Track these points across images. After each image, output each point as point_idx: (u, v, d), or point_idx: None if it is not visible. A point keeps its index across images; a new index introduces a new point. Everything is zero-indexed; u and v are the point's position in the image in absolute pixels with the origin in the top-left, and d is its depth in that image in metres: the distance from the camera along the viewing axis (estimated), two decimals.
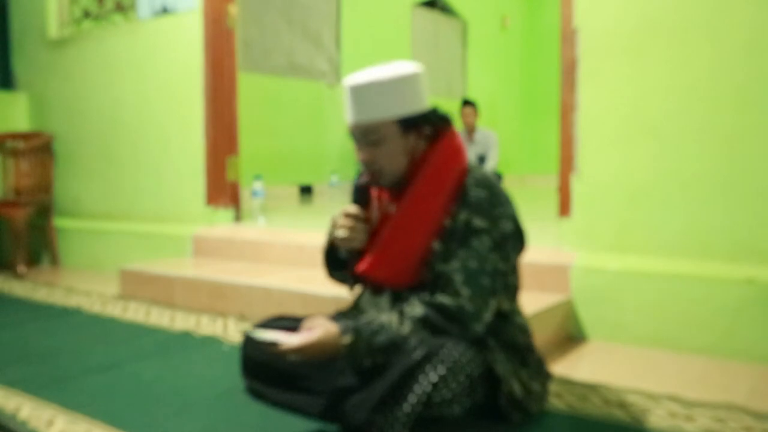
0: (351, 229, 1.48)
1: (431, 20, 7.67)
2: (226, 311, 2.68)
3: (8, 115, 4.34)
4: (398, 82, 1.42)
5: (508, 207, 1.47)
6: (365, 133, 1.44)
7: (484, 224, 1.41)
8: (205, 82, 3.47)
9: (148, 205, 3.79)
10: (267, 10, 5.75)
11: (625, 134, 2.27)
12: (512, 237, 1.46)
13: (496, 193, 1.45)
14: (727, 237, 2.11)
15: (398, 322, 1.38)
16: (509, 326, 1.53)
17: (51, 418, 1.60)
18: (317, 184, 6.09)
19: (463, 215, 1.42)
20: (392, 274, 1.49)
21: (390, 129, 1.43)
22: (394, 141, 1.44)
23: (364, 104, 1.42)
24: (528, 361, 1.55)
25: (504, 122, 8.11)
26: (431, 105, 1.50)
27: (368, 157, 1.46)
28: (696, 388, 1.78)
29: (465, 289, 1.38)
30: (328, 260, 1.65)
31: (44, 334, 2.46)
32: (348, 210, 1.50)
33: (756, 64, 2.05)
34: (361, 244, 1.50)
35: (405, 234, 1.46)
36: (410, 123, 1.44)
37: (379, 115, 1.42)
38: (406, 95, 1.43)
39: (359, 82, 1.42)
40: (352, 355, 1.36)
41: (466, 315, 1.37)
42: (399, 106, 1.42)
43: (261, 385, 1.64)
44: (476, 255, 1.40)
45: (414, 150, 1.47)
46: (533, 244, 2.55)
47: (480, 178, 1.46)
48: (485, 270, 1.40)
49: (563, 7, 2.40)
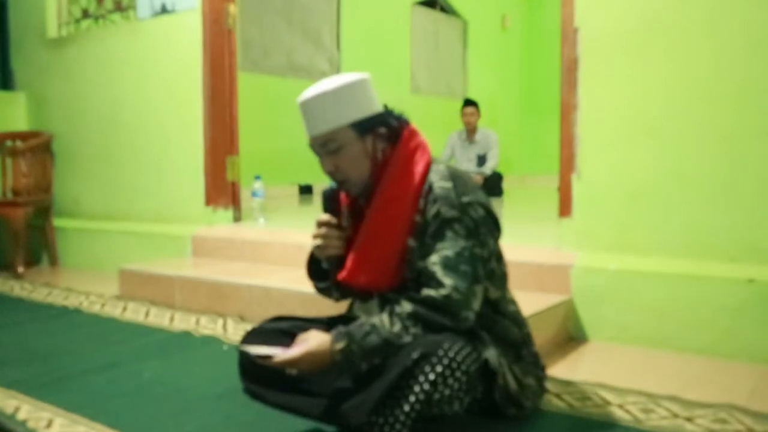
0: (324, 237, 1.53)
1: (431, 20, 7.67)
2: (226, 311, 2.67)
3: (7, 114, 4.33)
4: (345, 89, 1.47)
5: (475, 194, 1.48)
6: (323, 144, 1.49)
7: (455, 213, 1.43)
8: (204, 82, 3.46)
9: (147, 205, 3.79)
10: (267, 9, 5.75)
11: (626, 134, 2.26)
12: (485, 222, 1.48)
13: (461, 183, 1.47)
14: (728, 237, 2.10)
15: (389, 322, 1.38)
16: (502, 319, 1.53)
17: (50, 419, 1.59)
18: (317, 184, 6.09)
19: (432, 209, 1.44)
20: (372, 278, 1.51)
21: (345, 135, 1.48)
22: (352, 146, 1.48)
23: (317, 116, 1.48)
24: (522, 355, 1.56)
25: (504, 122, 8.10)
26: (383, 107, 1.54)
27: (332, 166, 1.50)
28: (696, 389, 1.78)
29: (447, 279, 1.39)
30: (312, 273, 1.68)
31: (43, 335, 2.45)
32: (320, 218, 1.54)
33: (756, 64, 2.04)
34: (338, 250, 1.54)
35: (379, 237, 1.49)
36: (364, 126, 1.48)
37: (332, 123, 1.47)
38: (355, 101, 1.48)
39: (308, 96, 1.49)
40: (347, 359, 1.36)
41: (453, 304, 1.38)
42: (350, 112, 1.47)
43: (260, 387, 1.64)
44: (452, 245, 1.41)
45: (374, 152, 1.51)
46: (534, 245, 2.56)
47: (443, 170, 1.49)
48: (463, 257, 1.41)
49: (563, 6, 2.39)
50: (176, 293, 2.87)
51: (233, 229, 3.38)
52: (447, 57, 7.92)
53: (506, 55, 8.73)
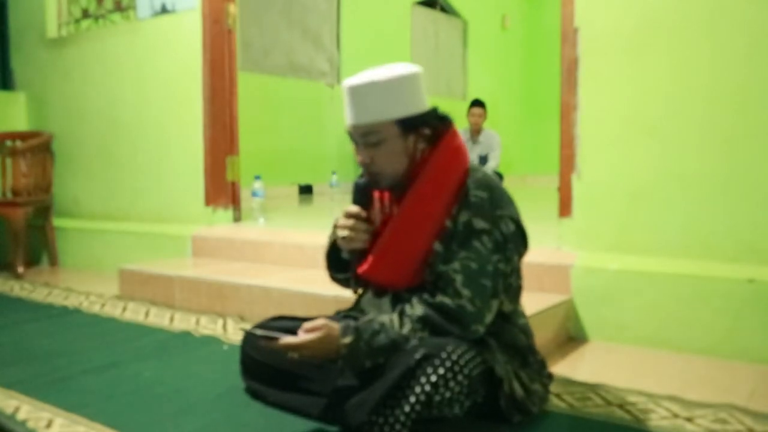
0: (352, 229, 1.47)
1: (431, 20, 7.67)
2: (226, 311, 2.67)
3: (7, 114, 4.33)
4: (397, 83, 1.42)
5: (509, 208, 1.46)
6: (364, 135, 1.44)
7: (485, 225, 1.41)
8: (204, 82, 3.46)
9: (147, 205, 3.78)
10: (267, 9, 5.75)
11: (626, 134, 2.26)
12: (513, 238, 1.46)
13: (497, 195, 1.45)
14: (728, 237, 2.10)
15: (399, 323, 1.37)
16: (511, 327, 1.52)
17: (50, 419, 1.59)
18: (317, 184, 6.09)
19: (464, 216, 1.42)
20: (393, 276, 1.48)
21: (389, 130, 1.43)
22: (393, 142, 1.44)
23: (363, 105, 1.42)
24: (529, 361, 1.55)
25: (504, 122, 8.10)
26: (431, 106, 1.50)
27: (368, 158, 1.46)
28: (697, 389, 1.77)
29: (465, 290, 1.37)
30: (331, 262, 1.65)
31: (43, 335, 2.45)
32: (349, 210, 1.49)
33: (756, 64, 2.04)
34: (363, 244, 1.49)
35: (406, 236, 1.46)
36: (409, 124, 1.44)
37: (378, 116, 1.42)
38: (405, 96, 1.43)
39: (358, 82, 1.42)
40: (352, 354, 1.35)
41: (466, 316, 1.37)
42: (398, 107, 1.42)
43: (261, 385, 1.64)
44: (477, 256, 1.40)
45: (414, 151, 1.47)
46: (534, 245, 2.55)
47: (481, 179, 1.45)
48: (486, 271, 1.39)
49: (564, 6, 2.39)
50: (176, 293, 2.87)
51: (233, 229, 3.38)
52: (447, 57, 7.92)
53: (506, 55, 8.73)
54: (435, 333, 1.37)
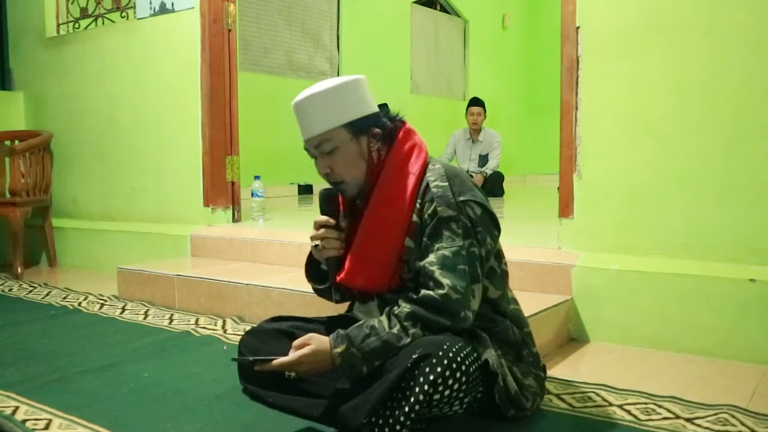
0: (323, 238, 1.52)
1: (431, 19, 7.66)
2: (225, 311, 2.66)
3: (5, 114, 4.32)
4: (338, 90, 1.46)
5: (472, 192, 1.48)
6: (317, 146, 1.48)
7: (451, 213, 1.42)
8: (204, 82, 3.45)
9: (146, 205, 3.78)
10: (266, 9, 5.74)
11: (627, 134, 2.26)
12: (482, 221, 1.47)
13: (458, 181, 1.47)
14: (729, 237, 2.10)
15: (388, 323, 1.38)
16: (502, 320, 1.52)
17: (48, 420, 1.58)
18: (317, 184, 6.08)
19: (429, 209, 1.44)
20: (371, 279, 1.51)
21: (339, 136, 1.47)
22: (346, 147, 1.47)
23: (310, 118, 1.47)
24: (523, 355, 1.55)
25: (505, 122, 8.09)
26: (379, 107, 1.53)
27: (327, 168, 1.50)
28: (697, 390, 1.77)
29: (445, 279, 1.38)
30: (311, 274, 1.69)
31: (42, 335, 2.44)
32: (318, 220, 1.54)
33: (757, 64, 2.04)
34: (337, 252, 1.53)
35: (376, 237, 1.48)
36: (358, 126, 1.48)
37: (326, 124, 1.46)
38: (348, 101, 1.47)
39: (301, 98, 1.48)
40: (346, 362, 1.36)
41: (452, 303, 1.37)
42: (343, 113, 1.46)
43: (259, 388, 1.63)
44: (449, 244, 1.41)
45: (369, 153, 1.50)
46: (534, 245, 2.55)
47: (439, 169, 1.48)
48: (461, 256, 1.40)
49: (564, 5, 2.38)
50: (175, 293, 2.86)
51: (232, 229, 3.37)
52: (447, 57, 7.91)
53: (507, 55, 8.72)
54: (426, 327, 1.37)
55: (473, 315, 1.41)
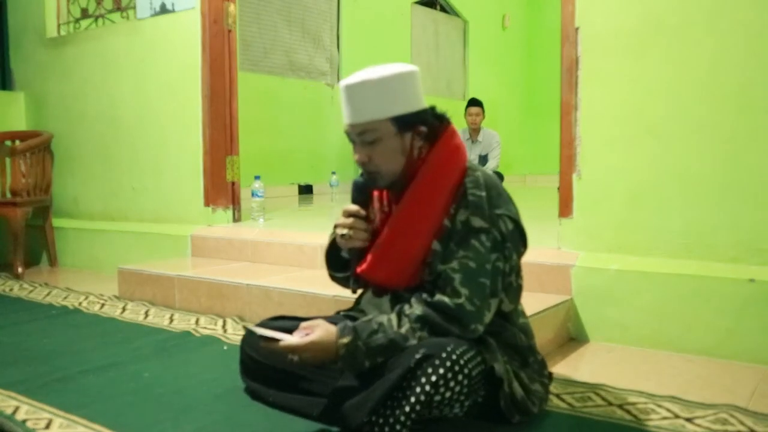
0: (351, 227, 1.48)
1: (431, 20, 7.66)
2: (226, 311, 2.66)
3: (6, 114, 4.33)
4: (391, 81, 1.41)
5: (507, 207, 1.46)
6: (361, 134, 1.44)
7: (484, 224, 1.40)
8: (204, 82, 3.45)
9: (147, 205, 3.78)
10: (266, 9, 5.74)
11: (627, 134, 2.26)
12: (512, 237, 1.45)
13: (495, 193, 1.45)
14: (729, 236, 2.10)
15: (397, 322, 1.37)
16: (510, 327, 1.52)
17: (49, 419, 1.59)
18: (317, 184, 6.08)
19: (462, 215, 1.42)
20: (392, 275, 1.48)
21: (385, 128, 1.43)
22: (389, 140, 1.43)
23: (359, 104, 1.42)
24: (529, 361, 1.55)
25: (505, 122, 8.09)
26: (428, 105, 1.50)
27: (365, 157, 1.46)
28: (697, 389, 1.77)
29: (464, 289, 1.37)
30: (330, 261, 1.64)
31: (42, 335, 2.45)
32: (348, 208, 1.49)
33: (757, 63, 2.04)
34: (363, 243, 1.49)
35: (404, 235, 1.46)
36: (405, 122, 1.44)
37: (374, 114, 1.42)
38: (400, 94, 1.42)
39: (352, 81, 1.42)
40: (350, 354, 1.35)
41: (465, 314, 1.37)
42: (393, 105, 1.42)
43: (261, 386, 1.63)
44: (475, 255, 1.39)
45: (411, 150, 1.46)
46: (534, 245, 2.55)
47: (479, 177, 1.45)
48: (485, 270, 1.39)
49: (564, 6, 2.38)
50: (176, 293, 2.86)
51: (233, 229, 3.38)
52: (447, 57, 7.91)
53: (507, 55, 8.72)
54: (434, 332, 1.36)
55: (484, 329, 1.40)
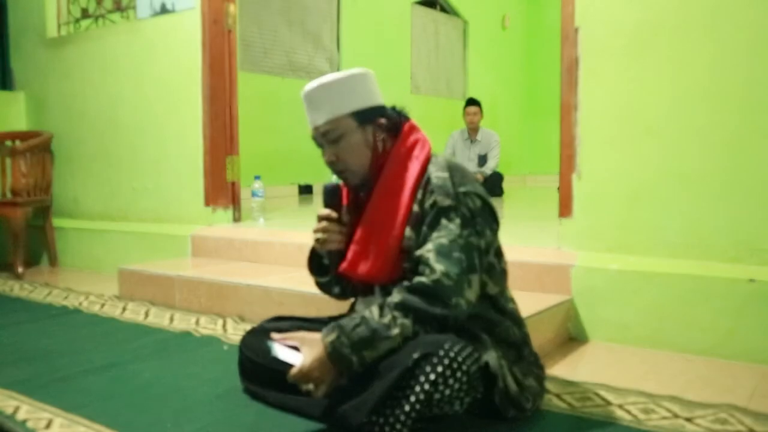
0: (325, 231, 1.54)
1: (431, 19, 7.67)
2: (226, 311, 2.67)
3: (6, 114, 4.33)
4: (348, 81, 1.51)
5: (473, 185, 1.50)
6: (324, 134, 1.52)
7: (450, 202, 1.44)
8: (204, 82, 3.46)
9: (147, 205, 3.78)
10: (266, 9, 5.75)
11: (627, 134, 2.26)
12: (481, 212, 1.48)
13: (459, 174, 1.48)
14: (729, 237, 2.10)
15: (378, 313, 1.38)
16: (502, 319, 1.53)
17: (49, 419, 1.59)
18: (317, 184, 6.08)
19: (430, 199, 1.46)
20: (373, 269, 1.51)
21: (346, 124, 1.50)
22: (352, 135, 1.51)
23: (319, 105, 1.51)
24: (524, 354, 1.56)
25: (505, 122, 8.10)
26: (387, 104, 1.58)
27: (332, 156, 1.53)
28: (697, 389, 1.77)
29: (439, 265, 1.38)
30: (313, 269, 1.69)
31: (43, 335, 2.45)
32: (320, 212, 1.56)
33: (758, 64, 2.04)
34: (338, 244, 1.55)
35: (378, 227, 1.50)
36: (365, 115, 1.52)
37: (334, 111, 1.50)
38: (356, 92, 1.51)
39: (311, 86, 1.52)
40: (336, 351, 1.35)
41: (443, 289, 1.36)
42: (351, 102, 1.51)
43: (259, 387, 1.63)
44: (447, 232, 1.42)
45: (375, 142, 1.53)
46: (534, 245, 2.56)
47: (442, 162, 1.50)
48: (457, 244, 1.41)
49: (564, 6, 2.39)
50: (176, 293, 2.86)
51: (233, 230, 3.38)
52: (447, 57, 7.92)
53: (506, 55, 8.73)
54: (417, 317, 1.36)
55: (468, 306, 1.39)
